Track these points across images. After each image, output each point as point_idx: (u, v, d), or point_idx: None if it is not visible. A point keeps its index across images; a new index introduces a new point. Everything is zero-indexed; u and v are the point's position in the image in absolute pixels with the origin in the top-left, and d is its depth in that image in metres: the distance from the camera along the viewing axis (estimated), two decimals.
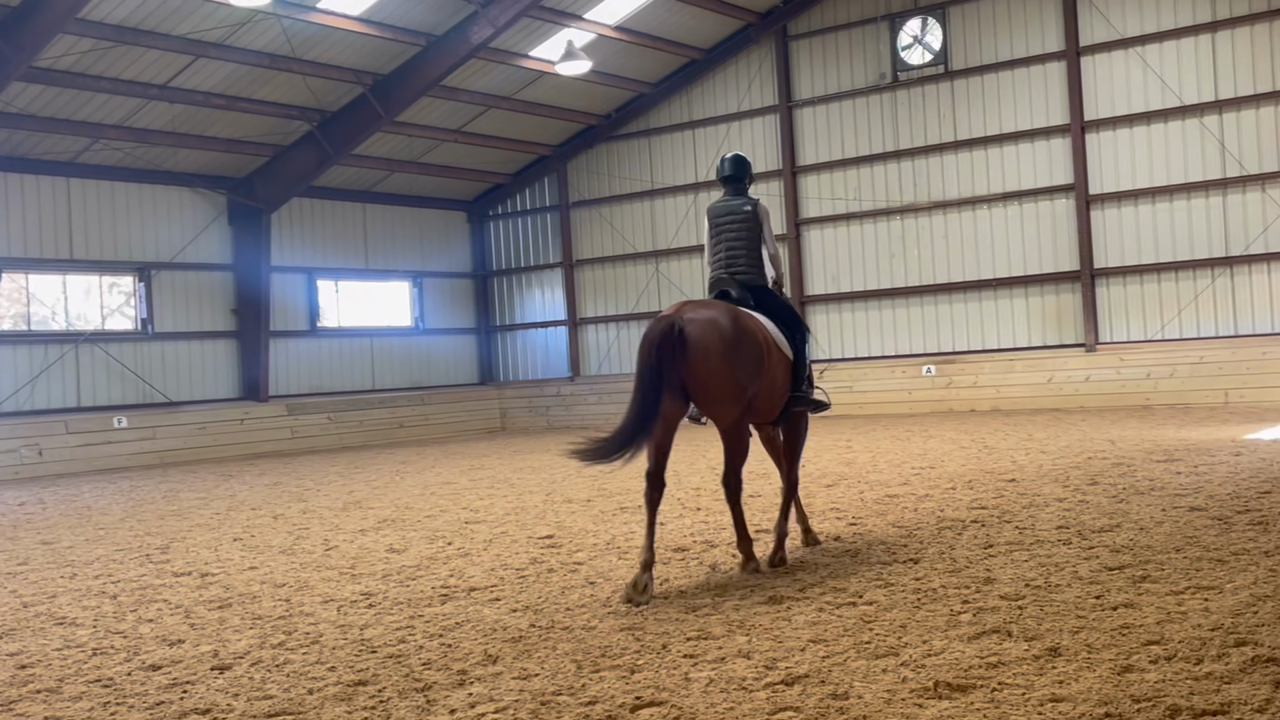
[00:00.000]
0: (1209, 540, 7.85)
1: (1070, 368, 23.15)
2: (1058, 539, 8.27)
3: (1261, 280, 21.75)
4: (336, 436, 25.80)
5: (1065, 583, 6.81)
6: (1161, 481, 10.96)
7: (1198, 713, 4.42)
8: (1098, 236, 23.14)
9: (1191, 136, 22.27)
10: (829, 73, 25.88)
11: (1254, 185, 21.75)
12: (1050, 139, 23.60)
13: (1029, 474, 12.25)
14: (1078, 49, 23.16)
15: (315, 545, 10.21)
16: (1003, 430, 18.30)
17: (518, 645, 6.12)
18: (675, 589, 7.34)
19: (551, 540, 9.68)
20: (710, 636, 6.06)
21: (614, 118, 28.29)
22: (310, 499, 14.29)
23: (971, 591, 6.73)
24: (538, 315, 30.28)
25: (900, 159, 25.14)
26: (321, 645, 6.38)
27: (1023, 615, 6.09)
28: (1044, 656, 5.30)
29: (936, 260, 24.87)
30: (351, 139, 23.83)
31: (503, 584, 7.86)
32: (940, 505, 10.34)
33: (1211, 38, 22.03)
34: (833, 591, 6.97)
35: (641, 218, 28.50)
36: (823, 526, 9.46)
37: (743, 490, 7.82)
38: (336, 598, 7.73)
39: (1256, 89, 21.65)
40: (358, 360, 27.83)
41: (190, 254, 24.57)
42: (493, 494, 13.62)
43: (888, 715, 4.63)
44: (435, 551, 9.47)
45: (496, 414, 29.83)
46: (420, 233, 29.40)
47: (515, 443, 23.50)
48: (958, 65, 24.46)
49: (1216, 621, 5.69)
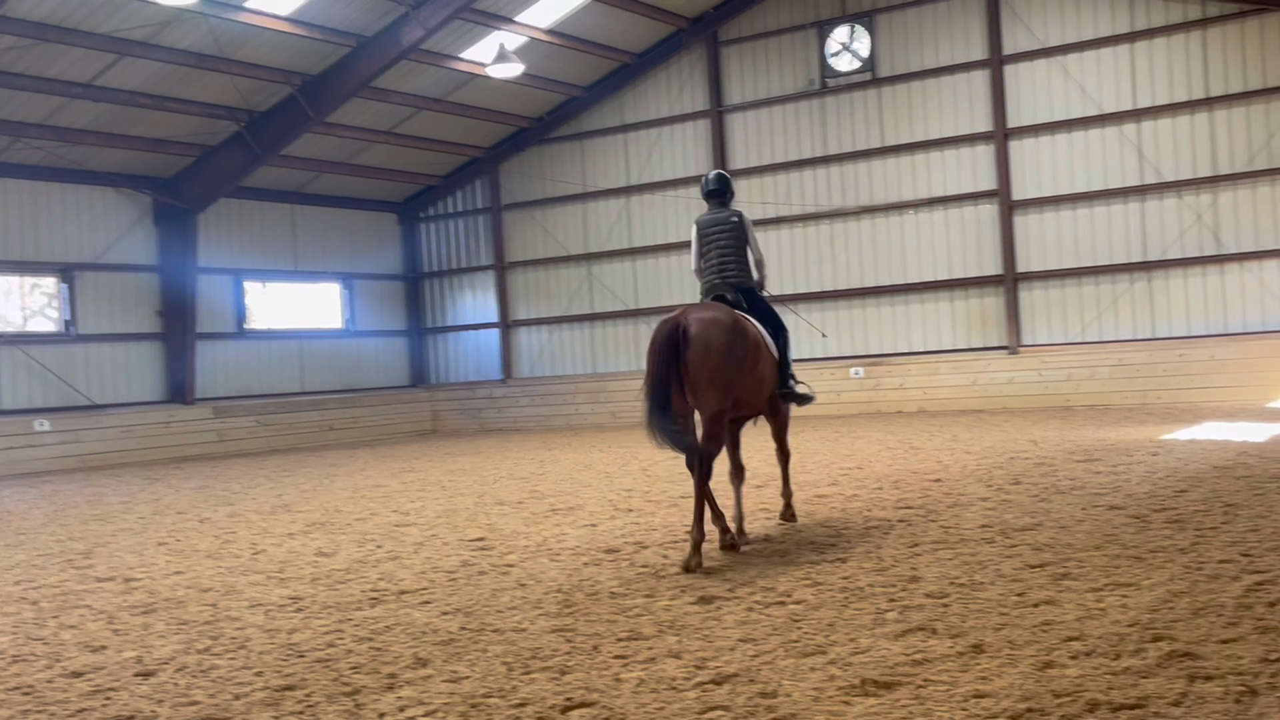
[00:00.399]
0: (1127, 538, 8.01)
1: (994, 370, 23.50)
2: (981, 538, 8.38)
3: (1178, 285, 22.25)
4: (265, 439, 25.45)
5: (989, 581, 6.91)
6: (1082, 481, 11.16)
7: (1116, 707, 4.50)
8: (1020, 241, 23.53)
9: (1111, 144, 22.73)
10: (759, 78, 26.05)
11: (1171, 192, 22.24)
12: (974, 146, 23.95)
13: (954, 474, 12.42)
14: (1001, 58, 23.53)
15: (242, 549, 10.06)
16: (928, 431, 18.53)
17: (448, 648, 6.07)
18: (606, 590, 7.33)
19: (483, 543, 9.63)
20: (641, 637, 6.06)
21: (546, 121, 28.24)
22: (238, 503, 14.08)
23: (897, 590, 6.81)
24: (469, 317, 30.12)
25: (829, 164, 25.36)
26: (248, 650, 6.29)
27: (947, 613, 6.17)
28: (968, 653, 5.37)
29: (864, 264, 25.12)
30: (280, 139, 23.54)
31: (433, 587, 7.81)
32: (867, 505, 10.44)
33: (1130, 48, 22.50)
34: (762, 591, 7.01)
35: (574, 220, 28.47)
36: (752, 526, 9.51)
37: (710, 478, 8.27)
38: (264, 602, 7.62)
39: (1173, 98, 22.14)
40: (286, 362, 27.47)
41: (114, 255, 24.11)
42: (424, 497, 13.51)
43: (815, 713, 4.67)
44: (365, 555, 9.37)
45: (428, 416, 29.62)
46: (350, 234, 29.11)
47: (447, 445, 23.35)
48: (885, 72, 24.74)
49: (1134, 618, 5.80)
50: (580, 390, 27.93)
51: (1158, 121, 22.33)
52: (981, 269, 23.96)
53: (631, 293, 27.70)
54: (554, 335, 28.81)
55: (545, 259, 28.75)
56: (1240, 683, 4.68)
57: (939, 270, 24.39)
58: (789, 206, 25.47)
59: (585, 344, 28.42)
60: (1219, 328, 21.89)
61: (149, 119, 22.50)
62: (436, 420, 29.67)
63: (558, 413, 27.95)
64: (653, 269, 27.42)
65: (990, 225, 23.82)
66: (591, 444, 20.73)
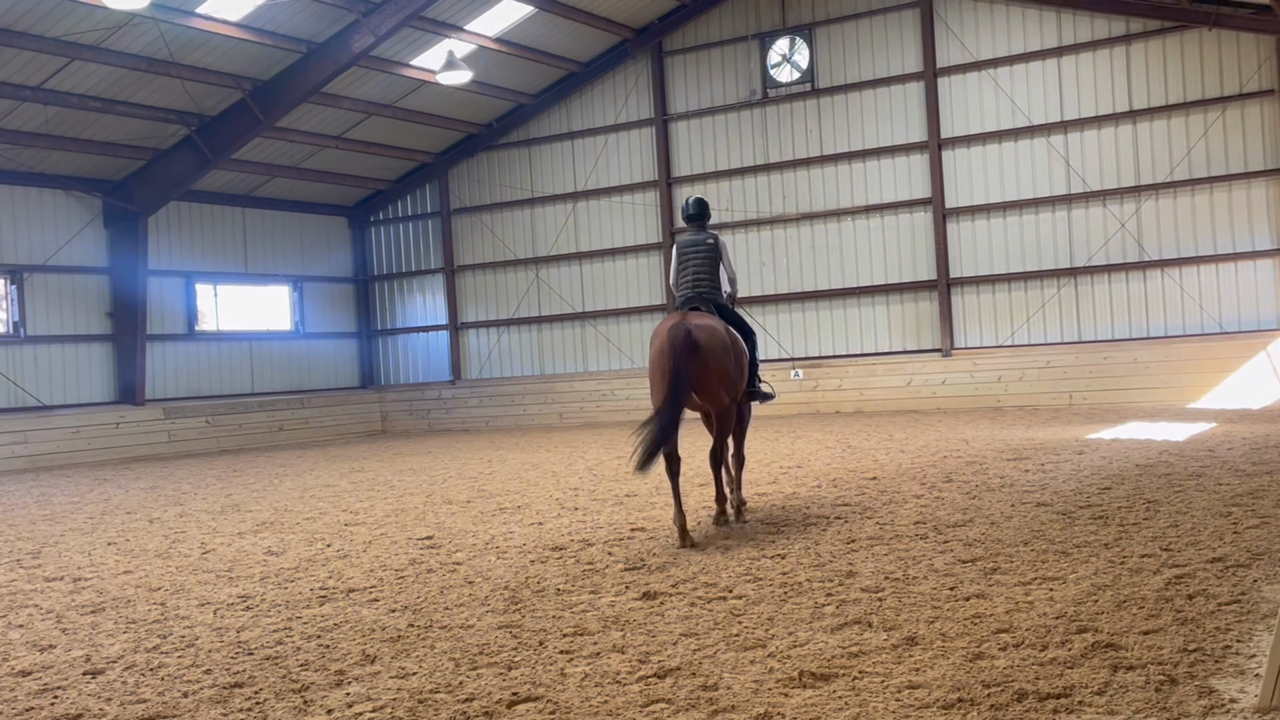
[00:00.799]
0: (1054, 534, 8.12)
1: (928, 371, 23.74)
2: (915, 534, 8.46)
3: (1103, 289, 22.61)
4: (214, 440, 25.12)
5: (922, 575, 6.97)
6: (1011, 479, 11.30)
7: (1042, 696, 4.56)
8: (953, 248, 23.79)
9: (1039, 154, 23.05)
10: (702, 88, 26.12)
11: (1096, 201, 22.60)
12: (909, 155, 24.19)
13: (889, 472, 12.52)
14: (935, 70, 23.79)
15: (192, 549, 9.93)
16: (865, 431, 18.68)
17: (396, 645, 6.03)
18: (552, 587, 7.32)
19: (431, 541, 9.57)
20: (586, 632, 6.05)
21: (495, 127, 28.14)
22: (187, 502, 13.88)
23: (835, 585, 6.85)
24: (419, 319, 29.93)
25: (770, 172, 25.49)
26: (197, 648, 6.20)
27: (882, 607, 6.22)
28: (902, 645, 5.42)
29: (804, 269, 25.28)
30: (231, 144, 23.25)
31: (382, 585, 7.75)
32: (806, 503, 10.50)
33: (1058, 61, 22.83)
34: (704, 587, 7.03)
35: (522, 225, 28.38)
36: (697, 524, 9.53)
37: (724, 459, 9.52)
38: (213, 601, 7.52)
39: (1099, 110, 22.50)
40: (237, 364, 27.14)
41: (64, 257, 23.68)
42: (373, 496, 13.41)
43: (755, 705, 4.69)
44: (314, 554, 9.28)
45: (377, 417, 29.39)
46: (301, 237, 28.82)
47: (396, 445, 23.18)
48: (824, 84, 24.91)
49: (1060, 610, 5.89)
50: (528, 391, 27.85)
51: (1084, 133, 22.68)
52: (916, 274, 24.20)
53: (578, 296, 27.67)
54: (502, 337, 28.71)
55: (494, 262, 28.65)
56: (1160, 672, 4.76)
57: (875, 275, 24.60)
58: (731, 213, 25.56)
59: (533, 346, 28.35)
60: (1141, 331, 22.27)
61: (100, 122, 22.14)
62: (386, 421, 29.45)
63: (506, 413, 27.86)
64: (599, 273, 27.41)
65: (924, 232, 24.06)
66: (539, 444, 20.67)
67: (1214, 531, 7.85)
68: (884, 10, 24.25)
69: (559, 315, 27.86)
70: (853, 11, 24.55)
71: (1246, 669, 4.76)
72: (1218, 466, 11.36)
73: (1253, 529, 7.87)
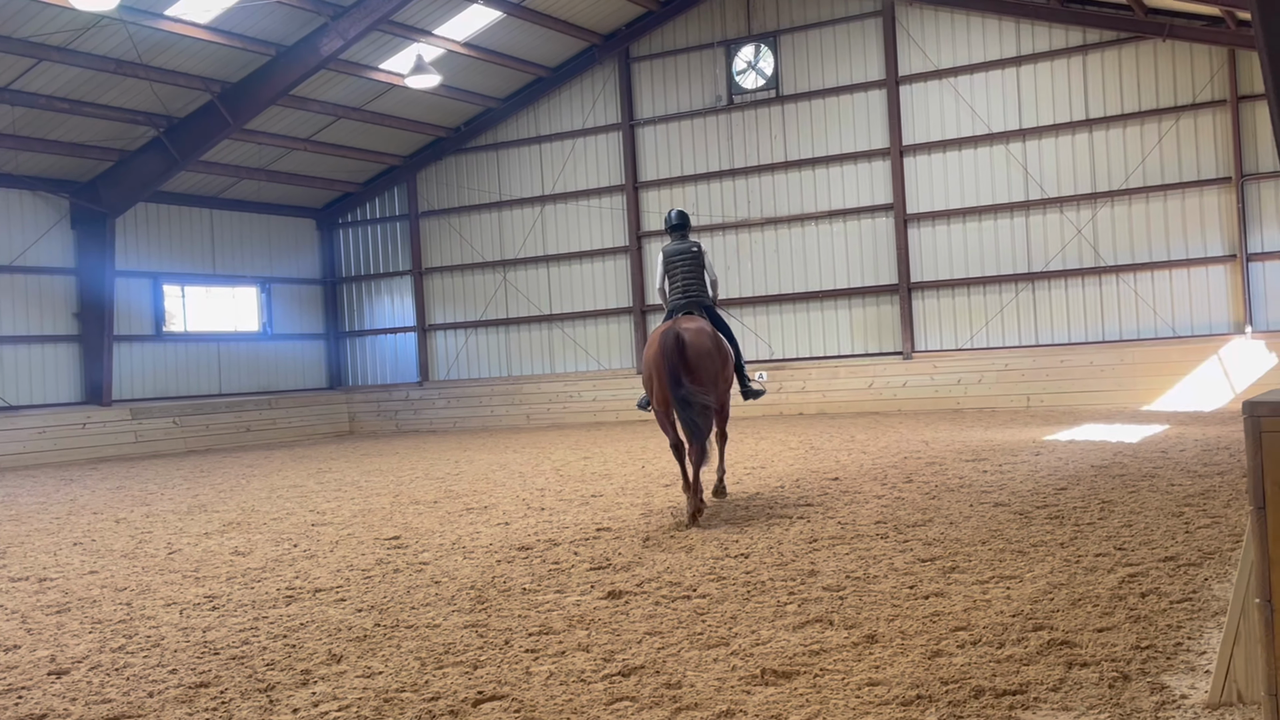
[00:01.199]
0: (1011, 533, 8.18)
1: (889, 374, 23.87)
2: (876, 533, 8.50)
3: (1059, 294, 22.82)
4: (182, 440, 24.89)
5: (882, 574, 7.01)
6: (970, 479, 11.38)
7: (999, 692, 4.60)
8: (914, 252, 23.94)
9: (998, 162, 23.24)
10: (669, 94, 26.16)
11: (1053, 207, 22.81)
12: (872, 161, 24.32)
13: (851, 473, 12.58)
14: (897, 78, 23.93)
15: (158, 549, 9.83)
16: (828, 432, 18.75)
17: (362, 644, 5.99)
18: (518, 586, 7.30)
19: (398, 541, 9.52)
20: (551, 631, 6.04)
21: (463, 131, 28.05)
22: (154, 503, 13.74)
23: (797, 584, 6.87)
24: (387, 321, 29.78)
25: (735, 177, 25.56)
26: (163, 648, 6.14)
27: (843, 605, 6.25)
28: (862, 643, 5.44)
29: (768, 273, 25.35)
30: (199, 145, 23.04)
31: (348, 584, 7.70)
32: (770, 503, 10.53)
33: (1017, 71, 23.03)
34: (669, 586, 7.03)
35: (489, 228, 28.31)
36: (660, 523, 9.54)
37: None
38: (179, 601, 7.45)
39: (1056, 119, 22.71)
40: (204, 365, 26.91)
41: (31, 257, 23.39)
42: (340, 496, 13.32)
43: (717, 702, 4.69)
44: (281, 554, 9.21)
45: (345, 418, 29.22)
46: (269, 239, 28.61)
47: (364, 446, 23.05)
48: (788, 90, 25.00)
49: (1017, 608, 5.93)
50: (495, 392, 27.78)
51: (1041, 141, 22.89)
52: (878, 278, 24.33)
53: (545, 298, 27.63)
54: (470, 339, 28.62)
55: (462, 265, 28.55)
56: (1114, 669, 4.81)
57: (838, 279, 24.71)
58: (697, 217, 25.59)
59: (500, 348, 28.27)
60: (1097, 335, 22.49)
61: (67, 123, 21.89)
62: (354, 422, 29.28)
63: (473, 414, 27.76)
64: (566, 276, 27.38)
65: (886, 237, 24.19)
66: (506, 445, 20.62)
67: (1167, 531, 7.94)
68: (847, 19, 24.38)
69: (526, 317, 27.81)
70: (816, 20, 24.67)
71: (1197, 665, 4.82)
72: (1170, 468, 11.48)
73: (1204, 529, 7.96)
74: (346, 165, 27.94)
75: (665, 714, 4.61)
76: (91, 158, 23.12)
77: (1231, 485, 9.98)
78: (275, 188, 27.61)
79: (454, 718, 4.73)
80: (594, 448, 18.47)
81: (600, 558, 8.14)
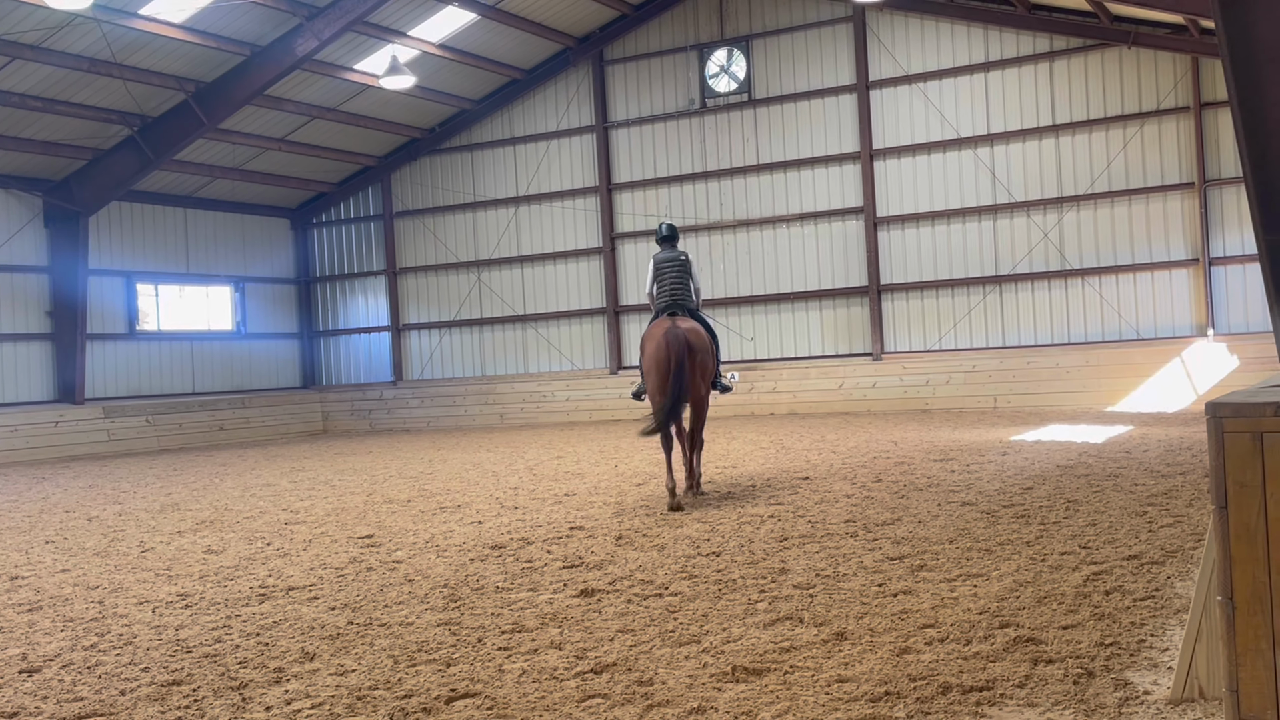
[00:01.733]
0: (978, 532, 8.23)
1: (859, 375, 23.96)
2: (845, 532, 8.53)
3: (1026, 297, 22.98)
4: (155, 439, 24.68)
5: (851, 572, 7.03)
6: (938, 479, 11.43)
7: (966, 689, 4.62)
8: (884, 255, 24.04)
9: (967, 166, 23.38)
10: (642, 96, 26.17)
11: (1020, 211, 22.96)
12: (842, 165, 24.41)
13: (821, 472, 12.62)
14: (867, 83, 24.03)
15: (131, 547, 9.74)
16: (798, 432, 18.80)
17: (335, 642, 5.96)
18: (491, 584, 7.28)
19: (371, 540, 9.48)
20: (524, 629, 6.03)
21: (437, 132, 27.96)
22: (126, 501, 13.62)
23: (768, 582, 6.89)
24: (361, 321, 29.65)
25: (708, 179, 25.59)
26: (135, 646, 6.09)
27: (813, 603, 6.26)
28: (831, 641, 5.46)
29: (740, 274, 25.41)
30: (173, 144, 22.86)
31: (321, 583, 7.66)
32: (740, 501, 10.55)
33: (985, 76, 23.17)
34: (641, 584, 7.03)
35: (464, 228, 28.23)
36: (633, 522, 9.54)
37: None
38: (151, 599, 7.39)
39: (1023, 124, 22.87)
40: (178, 364, 26.71)
41: (4, 256, 23.14)
42: (313, 495, 13.25)
43: (688, 699, 4.70)
44: (254, 552, 9.15)
45: (319, 417, 29.06)
46: (243, 238, 28.43)
47: (337, 445, 22.93)
48: (760, 94, 25.06)
49: (984, 606, 5.96)
50: (469, 392, 27.70)
51: (1009, 145, 23.04)
52: (848, 280, 24.41)
53: (519, 299, 27.58)
54: (444, 339, 28.54)
55: (436, 265, 28.46)
56: (1079, 665, 4.84)
57: (809, 281, 24.78)
58: (669, 219, 25.60)
59: (474, 348, 28.20)
60: (1063, 337, 22.66)
61: (41, 122, 21.67)
62: (327, 421, 29.13)
63: (447, 414, 27.68)
64: (540, 276, 27.34)
65: (856, 240, 24.29)
66: (479, 444, 20.56)
67: (1130, 530, 8.00)
68: (819, 24, 24.46)
69: (500, 318, 27.75)
70: (788, 24, 24.73)
71: (1160, 662, 4.86)
72: (1134, 468, 11.58)
73: (1166, 528, 8.03)
74: (321, 165, 27.80)
75: (637, 711, 4.61)
76: (65, 156, 22.90)
77: (1194, 485, 10.08)
78: (250, 187, 27.43)
79: (427, 715, 4.71)
80: (567, 447, 18.45)
81: (573, 556, 8.13)
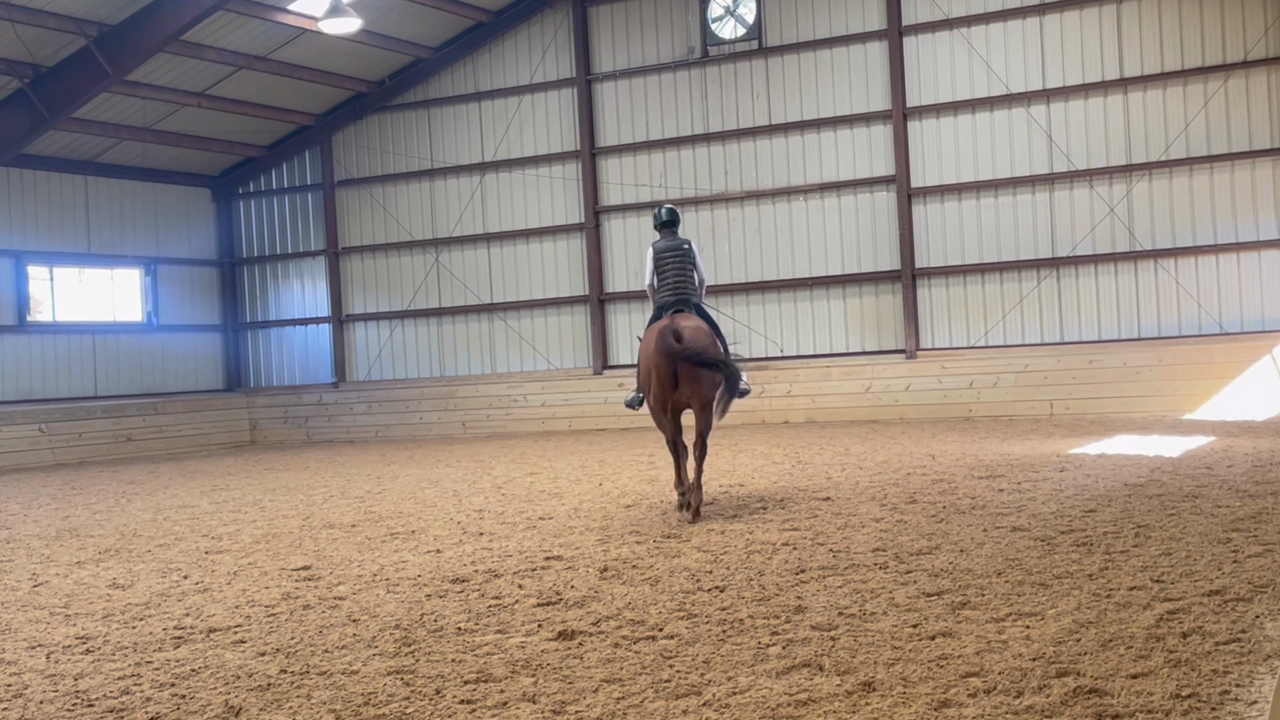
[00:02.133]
0: (1031, 563, 8.25)
1: (890, 375, 24.00)
2: (874, 563, 8.55)
3: (1089, 283, 23.01)
4: (49, 451, 24.66)
5: (881, 610, 7.05)
6: (983, 500, 11.46)
7: None
8: (920, 233, 24.07)
9: (1018, 127, 23.41)
10: (632, 44, 26.17)
11: (1081, 181, 23.01)
12: (870, 126, 24.44)
13: (844, 492, 12.64)
14: (900, 28, 24.05)
15: (21, 581, 9.73)
16: (818, 443, 18.84)
17: (265, 694, 5.97)
18: (452, 625, 7.28)
19: (308, 572, 9.48)
20: (491, 679, 6.04)
21: (388, 85, 27.94)
22: (15, 526, 13.61)
23: (781, 622, 6.90)
24: (296, 311, 29.63)
25: (710, 143, 25.61)
26: (26, 699, 6.09)
27: (835, 647, 6.28)
28: (857, 692, 5.47)
29: (749, 256, 25.43)
30: (71, 99, 22.81)
31: (249, 623, 7.66)
32: (749, 526, 10.56)
33: (1040, 21, 23.20)
34: (630, 624, 7.04)
35: (419, 201, 28.22)
36: (621, 551, 9.55)
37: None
38: (45, 643, 7.39)
39: (1086, 79, 22.89)
40: (77, 362, 26.68)
41: None
42: (239, 519, 13.25)
43: None
44: (168, 587, 9.15)
45: (245, 425, 29.05)
46: (155, 212, 28.41)
47: (268, 459, 22.94)
48: (773, 41, 25.08)
49: (1038, 650, 5.98)
50: (425, 396, 27.71)
51: (1069, 104, 23.07)
52: (877, 263, 24.45)
53: (486, 284, 27.58)
54: (395, 332, 28.52)
55: (386, 244, 28.44)
56: None
57: (831, 264, 24.81)
58: (664, 189, 25.63)
59: (432, 343, 28.20)
60: (1132, 332, 22.72)
61: None
62: (256, 430, 29.11)
63: (399, 422, 27.68)
64: (510, 258, 27.34)
65: (887, 215, 24.32)
66: (438, 458, 20.57)
67: (1212, 560, 8.03)
68: None
69: (463, 307, 27.75)
70: None
71: (1247, 716, 4.88)
72: (1216, 486, 11.62)
73: (1255, 558, 8.06)
74: (248, 125, 27.79)
75: None
76: None
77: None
78: (163, 151, 27.41)
79: None
80: (543, 462, 18.45)
81: (550, 591, 8.13)
